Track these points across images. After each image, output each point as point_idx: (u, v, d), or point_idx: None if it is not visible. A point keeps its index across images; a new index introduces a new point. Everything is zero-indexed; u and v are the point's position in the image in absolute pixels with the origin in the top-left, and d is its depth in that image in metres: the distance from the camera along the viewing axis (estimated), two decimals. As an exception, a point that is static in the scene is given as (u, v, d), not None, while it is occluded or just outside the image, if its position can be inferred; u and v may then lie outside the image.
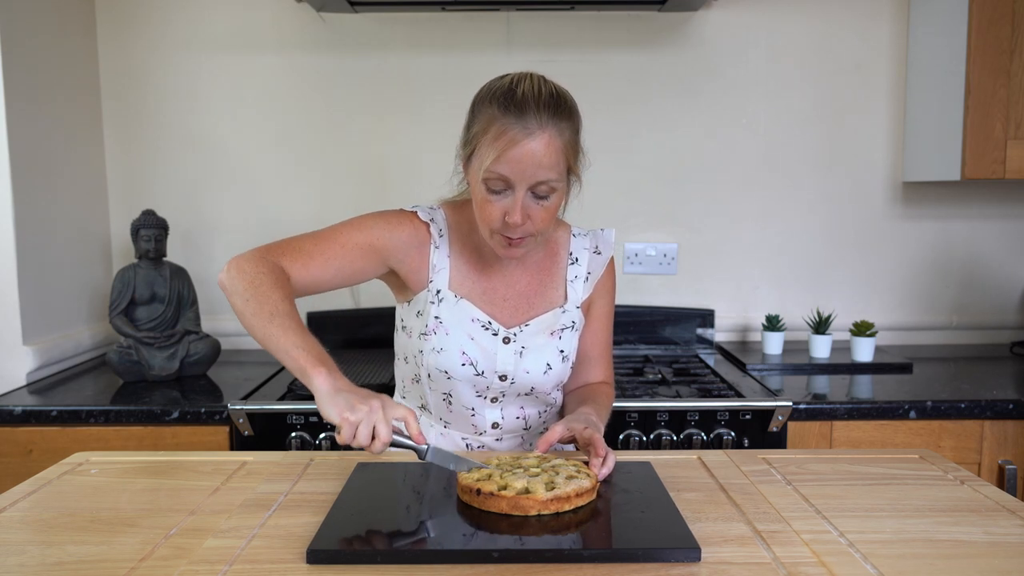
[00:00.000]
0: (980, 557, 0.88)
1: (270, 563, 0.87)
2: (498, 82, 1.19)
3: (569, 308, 1.33)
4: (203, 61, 2.21)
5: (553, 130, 1.13)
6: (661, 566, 0.86)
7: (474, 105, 1.20)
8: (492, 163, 1.12)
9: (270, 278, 1.13)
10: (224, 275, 1.16)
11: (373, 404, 1.00)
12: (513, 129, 1.12)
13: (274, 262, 1.16)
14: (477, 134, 1.16)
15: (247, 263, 1.15)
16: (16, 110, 1.82)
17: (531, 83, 1.17)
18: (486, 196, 1.16)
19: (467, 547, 0.88)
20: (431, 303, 1.27)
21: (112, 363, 1.88)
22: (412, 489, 1.07)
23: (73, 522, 0.98)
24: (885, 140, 2.27)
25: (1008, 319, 2.34)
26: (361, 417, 0.98)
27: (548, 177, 1.14)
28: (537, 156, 1.12)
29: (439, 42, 2.21)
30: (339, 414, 0.99)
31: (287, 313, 1.10)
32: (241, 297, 1.12)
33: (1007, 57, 1.94)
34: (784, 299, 2.32)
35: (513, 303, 1.31)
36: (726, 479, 1.13)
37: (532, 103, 1.14)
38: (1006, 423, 1.73)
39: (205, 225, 2.26)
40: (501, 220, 1.16)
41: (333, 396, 1.01)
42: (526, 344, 1.28)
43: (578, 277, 1.34)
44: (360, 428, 0.98)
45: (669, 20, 2.22)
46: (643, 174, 2.27)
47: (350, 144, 2.24)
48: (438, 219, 1.30)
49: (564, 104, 1.17)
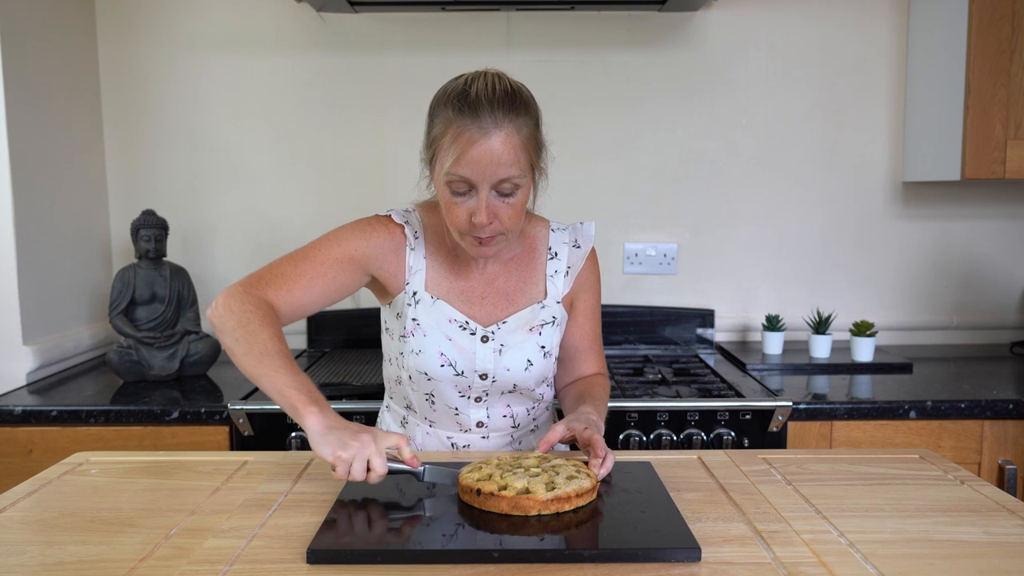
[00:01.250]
0: (980, 557, 0.88)
1: (270, 563, 0.87)
2: (453, 83, 1.19)
3: (549, 303, 1.32)
4: (203, 61, 2.21)
5: (510, 127, 1.13)
6: (661, 566, 0.86)
7: (432, 109, 1.20)
8: (452, 165, 1.13)
9: (258, 315, 1.13)
10: (212, 312, 1.16)
11: (364, 439, 1.02)
12: (469, 130, 1.12)
13: (259, 296, 1.16)
14: (436, 137, 1.16)
15: (234, 301, 1.15)
16: (16, 110, 1.82)
17: (484, 82, 1.16)
18: (451, 199, 1.16)
19: (467, 547, 0.88)
20: (408, 305, 1.27)
21: (112, 363, 1.88)
22: (412, 489, 1.07)
23: (73, 522, 0.98)
24: (885, 140, 2.27)
25: (1008, 319, 2.34)
26: (354, 454, 1.01)
27: (510, 174, 1.14)
28: (496, 154, 1.12)
29: (439, 42, 2.21)
30: (332, 453, 1.01)
31: (277, 352, 1.11)
32: (231, 336, 1.13)
33: (1007, 57, 1.94)
34: (784, 299, 2.32)
35: (492, 301, 1.30)
36: (726, 479, 1.13)
37: (486, 102, 1.14)
38: (1006, 423, 1.73)
39: (205, 225, 2.26)
40: (468, 221, 1.16)
41: (325, 435, 1.02)
42: (505, 342, 1.28)
43: (558, 272, 1.34)
44: (354, 464, 1.01)
45: (669, 20, 2.22)
46: (643, 174, 2.27)
47: (350, 144, 2.24)
48: (413, 221, 1.30)
49: (519, 99, 1.17)
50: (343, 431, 1.03)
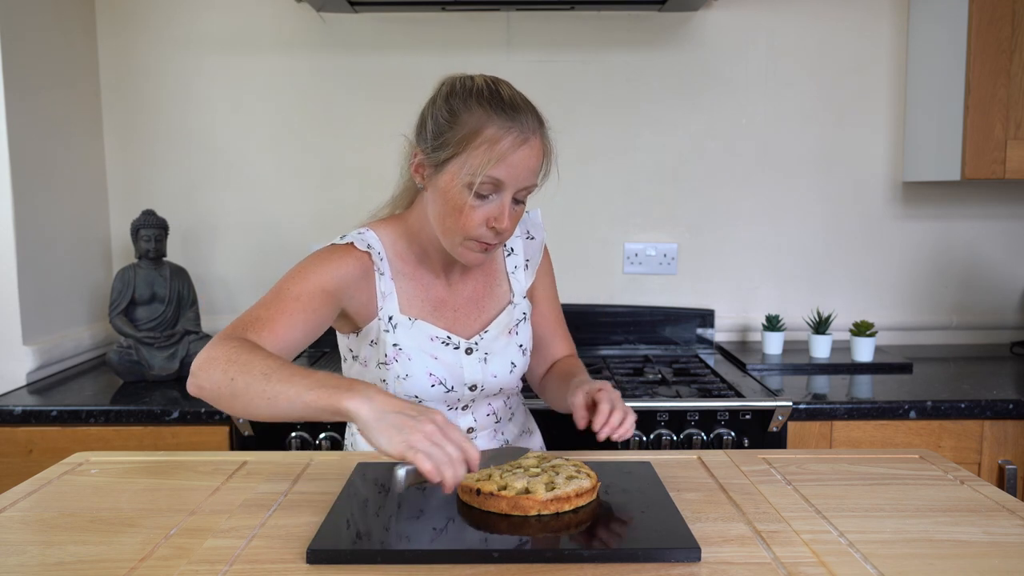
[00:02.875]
0: (980, 557, 0.88)
1: (270, 563, 0.87)
2: (469, 82, 1.15)
3: (517, 300, 1.33)
4: (203, 61, 2.21)
5: (541, 134, 1.14)
6: (661, 566, 0.86)
7: (451, 104, 1.14)
8: (491, 167, 1.09)
9: (245, 347, 1.02)
10: (194, 376, 1.02)
11: (434, 415, 0.90)
12: (511, 134, 1.10)
13: (240, 337, 1.05)
14: (465, 136, 1.11)
15: (212, 350, 1.02)
16: (16, 110, 1.82)
17: (508, 87, 1.15)
18: (470, 201, 1.11)
19: (467, 547, 0.88)
20: (385, 332, 1.22)
21: (112, 363, 1.88)
22: (412, 489, 1.07)
23: (73, 522, 0.98)
24: (885, 140, 2.27)
25: (1008, 319, 2.34)
26: (434, 436, 0.87)
27: (534, 182, 1.15)
28: (532, 161, 1.12)
29: (439, 42, 2.21)
30: (404, 443, 0.87)
31: (280, 364, 0.99)
32: (223, 381, 0.98)
33: (1007, 57, 1.94)
34: (784, 299, 2.32)
35: (464, 311, 1.29)
36: (726, 479, 1.13)
37: (523, 105, 1.13)
38: (1006, 423, 1.73)
39: (205, 225, 2.26)
40: (483, 225, 1.13)
41: (380, 421, 0.89)
42: (489, 350, 1.27)
43: (518, 267, 1.34)
44: (448, 449, 0.86)
45: (669, 20, 2.22)
46: (643, 174, 2.27)
47: (350, 144, 2.24)
48: (374, 243, 1.23)
49: (538, 110, 1.17)
50: (399, 413, 0.90)
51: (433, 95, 1.20)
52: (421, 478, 0.88)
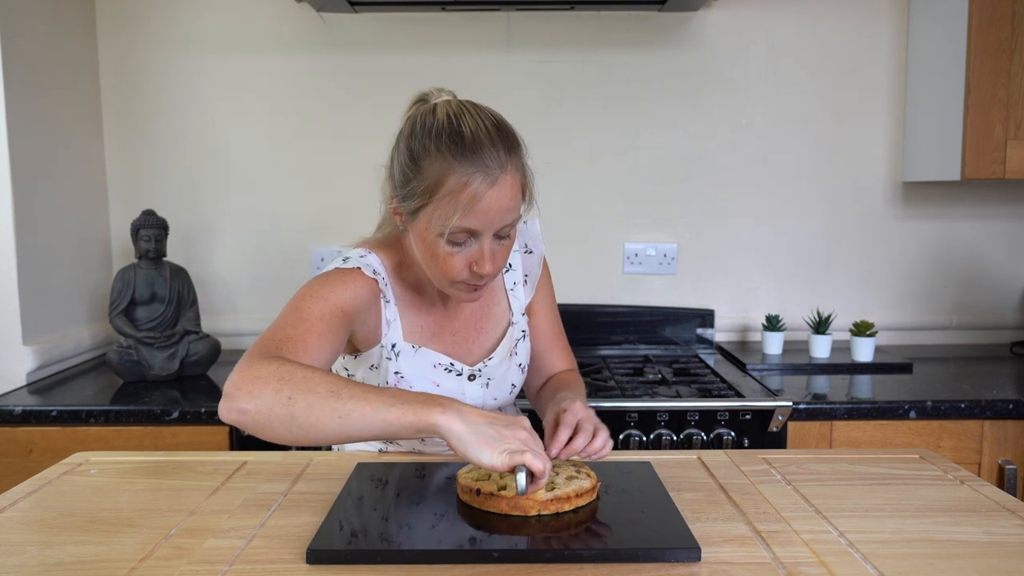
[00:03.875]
0: (980, 557, 0.88)
1: (270, 563, 0.87)
2: (430, 118, 1.06)
3: (516, 319, 1.29)
4: (203, 61, 2.21)
5: (512, 167, 1.05)
6: (661, 566, 0.86)
7: (413, 151, 1.06)
8: (458, 219, 1.02)
9: (295, 366, 0.95)
10: (232, 402, 0.93)
11: (519, 430, 0.89)
12: (476, 179, 1.02)
13: (279, 357, 0.98)
14: (430, 187, 1.04)
15: (253, 369, 0.94)
16: (16, 110, 1.82)
17: (474, 117, 1.05)
18: (447, 250, 1.07)
19: (467, 547, 0.88)
20: (388, 359, 1.19)
21: (112, 363, 1.88)
22: (412, 489, 1.07)
23: (73, 522, 0.98)
24: (885, 140, 2.27)
25: (1008, 319, 2.34)
26: (530, 445, 0.88)
27: (513, 219, 1.08)
28: (504, 202, 1.04)
29: (439, 42, 2.21)
30: (505, 459, 0.87)
31: (346, 382, 0.93)
32: (277, 402, 0.91)
33: (1007, 57, 1.94)
34: (784, 299, 2.32)
35: (463, 334, 1.25)
36: (726, 479, 1.12)
37: (487, 142, 1.03)
38: (1006, 423, 1.73)
39: (205, 225, 2.26)
40: (466, 271, 1.09)
41: (477, 435, 0.88)
42: (492, 375, 1.25)
43: (517, 283, 1.29)
44: (534, 464, 0.86)
45: (669, 20, 2.22)
46: (643, 174, 2.27)
47: (350, 144, 2.24)
48: (378, 269, 1.18)
49: (509, 132, 1.07)
50: (492, 425, 0.88)
51: (399, 130, 1.13)
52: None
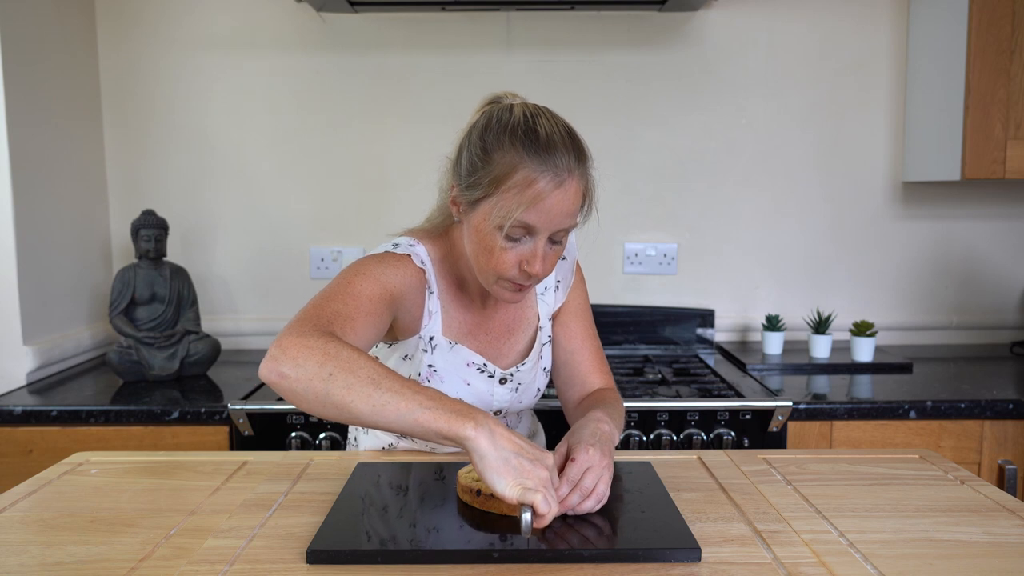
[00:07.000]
0: (980, 557, 0.88)
1: (270, 563, 0.87)
2: (507, 115, 1.08)
3: (543, 323, 1.29)
4: (203, 61, 2.21)
5: (579, 174, 1.06)
6: (661, 566, 0.86)
7: (485, 140, 1.07)
8: (521, 213, 1.03)
9: (341, 344, 0.94)
10: (277, 360, 0.93)
11: (542, 474, 0.89)
12: (544, 177, 1.03)
13: (328, 332, 0.97)
14: (498, 177, 1.05)
15: (304, 338, 0.94)
16: (16, 110, 1.82)
17: (548, 121, 1.07)
18: (502, 244, 1.07)
19: (467, 547, 0.88)
20: (424, 351, 1.19)
21: (112, 363, 1.88)
22: (412, 489, 1.07)
23: (73, 522, 0.98)
24: (885, 140, 2.27)
25: (1008, 319, 2.34)
26: (546, 485, 0.88)
27: (572, 224, 1.08)
28: (567, 205, 1.05)
29: (439, 42, 2.21)
30: (519, 492, 0.86)
31: (388, 372, 0.93)
32: (319, 375, 0.91)
33: (1007, 57, 1.94)
34: (784, 299, 2.32)
35: (496, 335, 1.25)
36: (726, 479, 1.13)
37: (560, 145, 1.05)
38: (1006, 423, 1.73)
39: (205, 225, 2.26)
40: (516, 267, 1.08)
41: (501, 463, 0.88)
42: (522, 380, 1.26)
43: (548, 288, 1.29)
44: (540, 504, 0.86)
45: (669, 20, 2.22)
46: (643, 174, 2.27)
47: (350, 144, 2.24)
48: (425, 260, 1.18)
49: (582, 143, 1.09)
50: (518, 456, 0.89)
51: (471, 123, 1.13)
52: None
